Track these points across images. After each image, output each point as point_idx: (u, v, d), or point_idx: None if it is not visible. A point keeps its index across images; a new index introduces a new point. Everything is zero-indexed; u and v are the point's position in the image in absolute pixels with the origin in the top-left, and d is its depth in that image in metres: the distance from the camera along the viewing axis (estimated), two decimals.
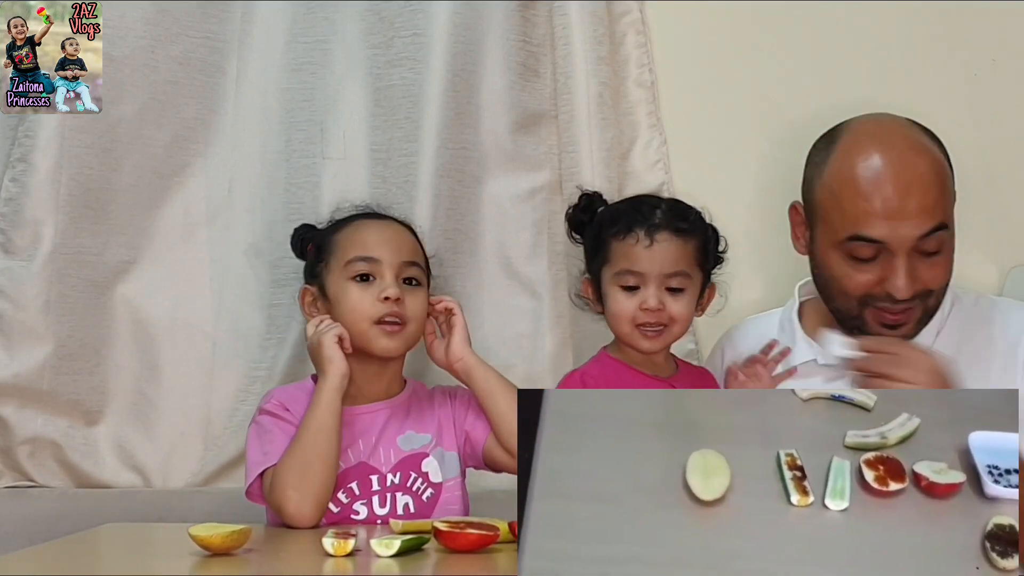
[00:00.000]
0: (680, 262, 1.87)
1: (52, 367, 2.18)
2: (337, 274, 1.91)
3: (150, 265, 2.25)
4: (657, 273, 1.85)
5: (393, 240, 1.94)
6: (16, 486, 2.19)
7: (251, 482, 1.83)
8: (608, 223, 1.91)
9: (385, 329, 1.87)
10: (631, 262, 1.86)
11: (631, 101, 2.33)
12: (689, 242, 1.88)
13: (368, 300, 1.87)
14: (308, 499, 1.77)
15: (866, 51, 2.35)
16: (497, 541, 1.54)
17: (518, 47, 2.28)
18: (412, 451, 1.89)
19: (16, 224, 2.17)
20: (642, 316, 1.85)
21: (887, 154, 1.78)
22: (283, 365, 2.23)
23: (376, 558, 1.49)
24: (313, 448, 1.79)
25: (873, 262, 1.78)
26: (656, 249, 1.85)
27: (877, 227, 1.75)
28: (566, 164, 2.29)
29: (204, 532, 1.49)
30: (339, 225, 1.99)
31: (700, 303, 1.93)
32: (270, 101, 2.28)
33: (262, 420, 1.87)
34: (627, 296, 1.87)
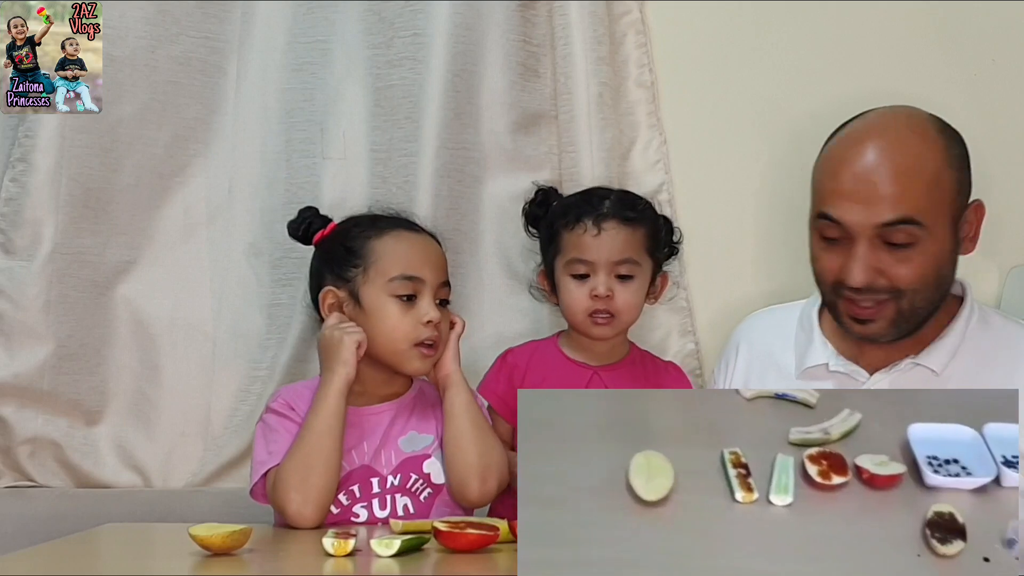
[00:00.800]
0: (628, 250, 1.93)
1: (52, 367, 2.18)
2: (378, 287, 1.87)
3: (150, 265, 2.25)
4: (605, 261, 1.92)
5: (433, 258, 1.91)
6: (16, 486, 2.19)
7: (255, 482, 1.83)
8: (559, 215, 1.98)
9: (422, 352, 1.87)
10: (580, 251, 1.93)
11: (631, 101, 2.33)
12: (637, 230, 1.95)
13: (410, 322, 1.85)
14: (310, 501, 1.77)
15: (866, 51, 2.35)
16: (497, 541, 1.54)
17: (518, 47, 2.28)
18: (413, 453, 1.89)
19: (16, 224, 2.17)
20: (592, 304, 1.92)
21: (874, 140, 1.73)
22: (283, 365, 2.23)
23: (376, 558, 1.49)
24: (316, 450, 1.79)
25: (838, 245, 1.74)
26: (604, 237, 1.92)
27: (839, 207, 1.72)
28: (566, 164, 2.29)
29: (204, 532, 1.49)
30: (374, 230, 1.92)
31: (653, 291, 1.99)
32: (270, 101, 2.28)
33: (268, 419, 1.87)
34: (578, 284, 1.94)
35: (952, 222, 1.74)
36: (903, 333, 1.76)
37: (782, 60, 2.34)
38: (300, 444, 1.80)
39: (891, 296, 1.72)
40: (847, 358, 1.83)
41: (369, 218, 1.98)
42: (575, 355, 2.01)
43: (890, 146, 1.73)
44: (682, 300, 2.30)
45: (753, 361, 1.95)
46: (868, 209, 1.69)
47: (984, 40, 2.35)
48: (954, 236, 1.75)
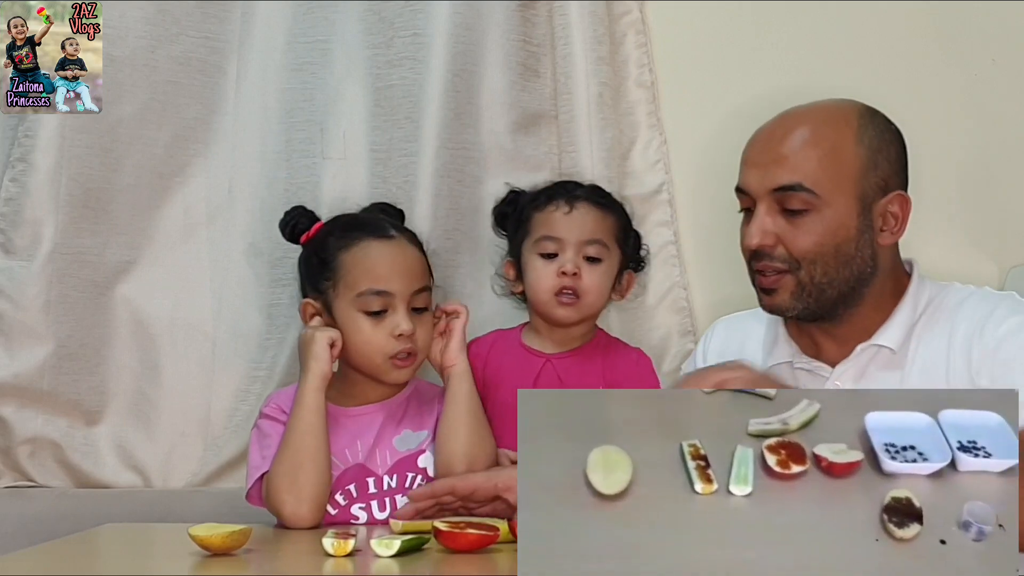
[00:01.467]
0: (598, 231, 1.95)
1: (52, 367, 2.18)
2: (347, 302, 1.86)
3: (150, 265, 2.25)
4: (576, 240, 1.94)
5: (404, 268, 1.87)
6: (16, 486, 2.19)
7: (251, 486, 1.83)
8: (530, 200, 2.01)
9: (396, 363, 1.86)
10: (550, 228, 1.95)
11: (631, 101, 2.33)
12: (608, 216, 1.97)
13: (381, 336, 1.84)
14: (303, 501, 1.77)
15: (866, 51, 2.35)
16: (497, 541, 1.55)
17: (518, 47, 2.28)
18: (408, 451, 1.89)
19: (16, 224, 2.17)
20: (559, 281, 1.93)
21: (785, 117, 1.81)
22: (283, 365, 2.23)
23: (376, 558, 1.49)
24: (301, 449, 1.79)
25: (749, 215, 1.79)
26: (575, 215, 1.95)
27: (744, 174, 1.79)
28: (566, 164, 2.29)
29: (204, 532, 1.49)
30: (345, 240, 1.89)
31: (619, 287, 2.00)
32: (270, 101, 2.28)
33: (261, 424, 1.88)
34: (545, 263, 1.95)
35: (858, 200, 1.75)
36: (813, 310, 1.78)
37: (782, 60, 2.34)
38: (285, 446, 1.80)
39: (789, 266, 1.76)
40: (809, 355, 1.86)
41: (344, 224, 1.94)
42: (533, 343, 2.02)
43: (795, 119, 1.79)
44: (682, 300, 2.30)
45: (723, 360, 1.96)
46: (765, 173, 1.76)
47: (984, 40, 2.35)
48: (862, 216, 1.76)
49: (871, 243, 1.77)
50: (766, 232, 1.75)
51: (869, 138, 1.77)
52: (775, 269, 1.76)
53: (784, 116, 1.82)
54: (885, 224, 1.78)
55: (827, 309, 1.78)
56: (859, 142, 1.76)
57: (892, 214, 1.78)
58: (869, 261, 1.77)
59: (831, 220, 1.74)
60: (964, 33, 2.34)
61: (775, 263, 1.76)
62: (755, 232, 1.76)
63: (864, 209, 1.76)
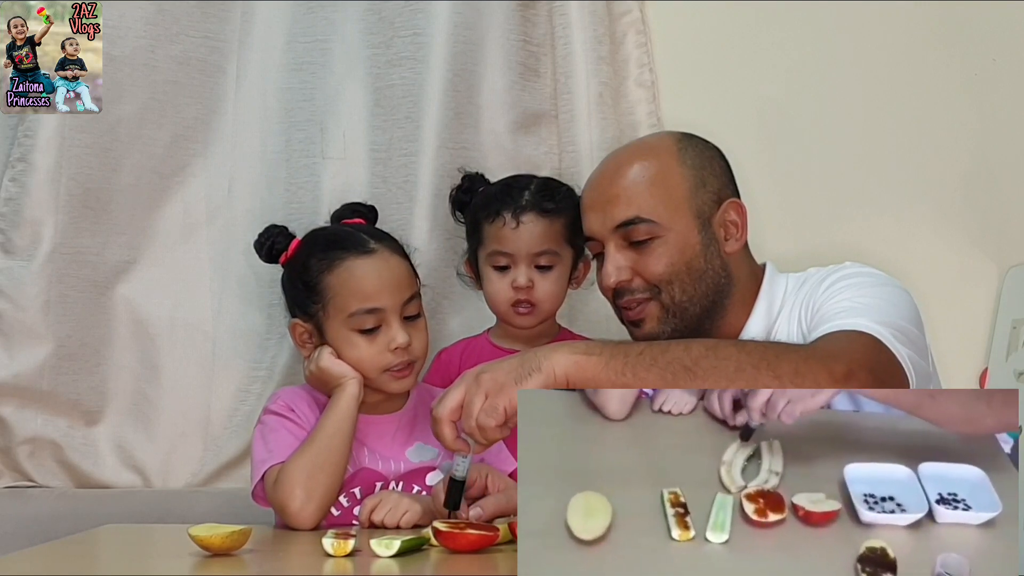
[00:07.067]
0: (547, 241, 1.99)
1: (52, 367, 2.18)
2: (339, 323, 1.84)
3: (150, 265, 2.25)
4: (525, 253, 1.98)
5: (391, 281, 1.85)
6: (16, 486, 2.19)
7: (256, 482, 1.82)
8: (481, 207, 2.03)
9: (394, 375, 1.86)
10: (500, 243, 1.99)
11: (631, 101, 2.33)
12: (556, 221, 1.99)
13: (376, 351, 1.84)
14: (313, 500, 1.76)
15: (866, 51, 2.35)
16: (497, 542, 1.55)
17: (518, 47, 2.29)
18: (421, 463, 1.88)
19: (16, 224, 2.17)
20: (514, 294, 1.98)
21: (609, 158, 1.88)
22: (283, 365, 2.23)
23: (376, 558, 1.49)
24: (326, 451, 1.79)
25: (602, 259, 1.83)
26: (523, 230, 1.98)
27: (586, 220, 1.85)
28: (566, 164, 2.30)
29: (204, 532, 1.49)
30: (327, 261, 1.85)
31: (574, 277, 2.05)
32: (270, 101, 2.28)
33: (267, 420, 1.87)
34: (499, 276, 2.00)
35: (695, 218, 1.81)
36: (681, 330, 1.81)
37: (782, 60, 2.34)
38: (311, 444, 1.80)
39: (650, 294, 1.81)
40: None
41: (324, 243, 1.89)
42: (502, 343, 2.06)
43: (619, 160, 1.86)
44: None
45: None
46: (604, 215, 1.82)
47: (984, 40, 2.35)
48: (702, 232, 1.81)
49: (719, 254, 1.82)
50: (620, 268, 1.81)
51: (691, 159, 1.84)
52: (638, 300, 1.81)
53: (609, 159, 1.88)
54: (728, 233, 1.83)
55: (694, 326, 1.82)
56: (682, 164, 1.83)
57: (731, 222, 1.84)
58: (721, 271, 1.82)
59: (676, 242, 1.80)
60: (964, 33, 2.35)
61: (636, 295, 1.81)
62: (611, 271, 1.81)
63: (703, 225, 1.82)
